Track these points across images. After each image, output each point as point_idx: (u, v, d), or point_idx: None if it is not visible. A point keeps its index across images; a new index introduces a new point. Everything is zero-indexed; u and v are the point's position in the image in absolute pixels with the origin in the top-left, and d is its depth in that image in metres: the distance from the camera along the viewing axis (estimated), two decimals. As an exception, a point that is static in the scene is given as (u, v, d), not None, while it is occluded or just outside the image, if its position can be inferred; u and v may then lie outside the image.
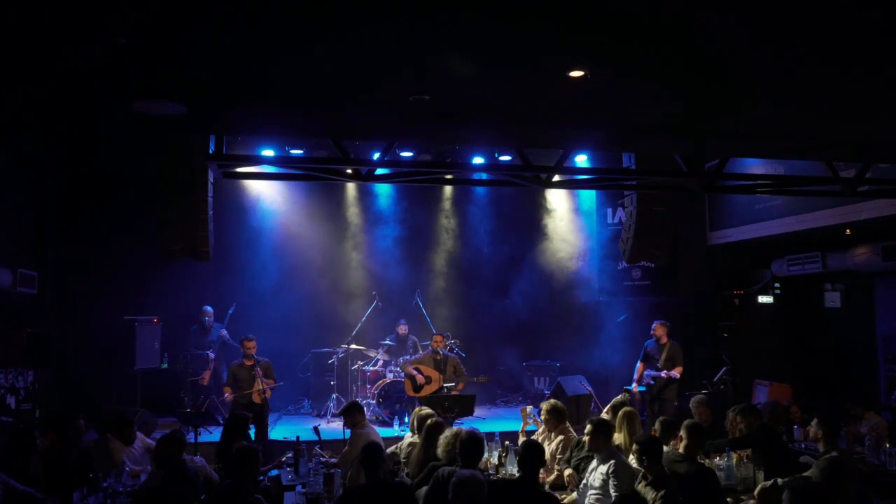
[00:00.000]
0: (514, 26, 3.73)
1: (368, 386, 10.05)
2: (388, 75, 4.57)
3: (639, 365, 9.10)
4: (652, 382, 8.89)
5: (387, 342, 10.41)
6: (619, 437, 5.70)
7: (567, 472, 5.58)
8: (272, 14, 3.60)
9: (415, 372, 9.29)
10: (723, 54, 4.17)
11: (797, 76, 4.55)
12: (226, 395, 8.58)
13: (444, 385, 9.17)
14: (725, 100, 5.12)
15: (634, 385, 8.99)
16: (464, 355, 10.24)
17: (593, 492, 4.91)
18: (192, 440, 6.88)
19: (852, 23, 3.71)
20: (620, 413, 5.89)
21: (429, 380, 9.28)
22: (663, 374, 8.79)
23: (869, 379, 10.12)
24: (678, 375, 8.81)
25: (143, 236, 8.18)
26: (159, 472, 4.97)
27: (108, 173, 9.45)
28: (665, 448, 4.95)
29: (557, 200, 12.12)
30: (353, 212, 11.42)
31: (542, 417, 6.31)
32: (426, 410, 6.33)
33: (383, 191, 11.53)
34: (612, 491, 4.74)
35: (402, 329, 10.68)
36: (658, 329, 9.04)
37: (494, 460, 5.97)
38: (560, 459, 5.88)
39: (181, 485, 4.58)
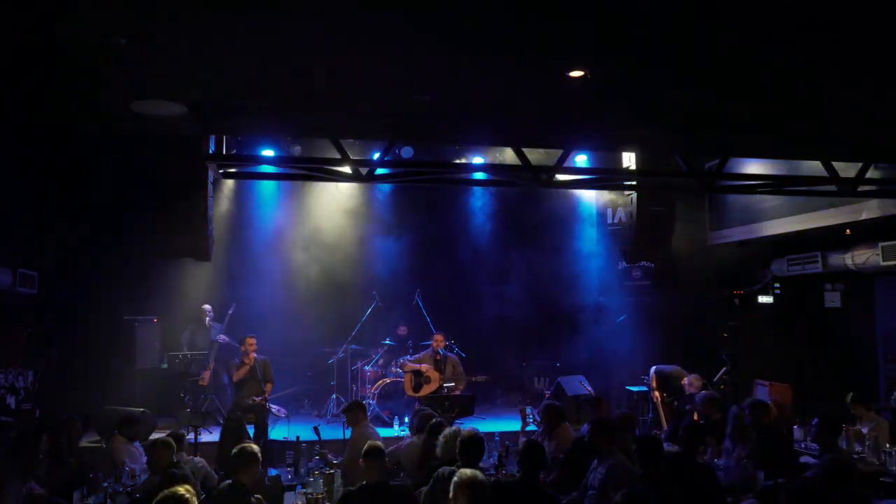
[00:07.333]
0: (514, 26, 3.73)
1: (368, 386, 10.05)
2: (388, 76, 4.57)
3: (655, 394, 8.85)
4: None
5: (387, 342, 10.42)
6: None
7: None
8: (272, 15, 3.60)
9: (416, 365, 9.31)
10: (723, 55, 4.18)
11: (797, 77, 4.55)
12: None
13: (444, 385, 9.18)
14: (726, 100, 5.12)
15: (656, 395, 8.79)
16: (463, 355, 10.24)
17: (593, 491, 4.91)
18: (193, 440, 6.88)
19: (853, 25, 3.71)
20: (621, 416, 5.90)
21: (428, 380, 9.28)
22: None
23: (869, 379, 10.11)
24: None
25: (142, 236, 8.17)
26: (156, 476, 4.97)
27: (108, 174, 9.43)
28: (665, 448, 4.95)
29: (557, 200, 12.11)
30: (353, 211, 11.40)
31: (541, 418, 6.31)
32: (426, 411, 6.33)
33: (383, 190, 11.52)
34: (609, 491, 4.73)
35: (402, 331, 10.74)
36: (696, 381, 8.35)
37: (494, 460, 5.97)
38: (559, 460, 5.88)
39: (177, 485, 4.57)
